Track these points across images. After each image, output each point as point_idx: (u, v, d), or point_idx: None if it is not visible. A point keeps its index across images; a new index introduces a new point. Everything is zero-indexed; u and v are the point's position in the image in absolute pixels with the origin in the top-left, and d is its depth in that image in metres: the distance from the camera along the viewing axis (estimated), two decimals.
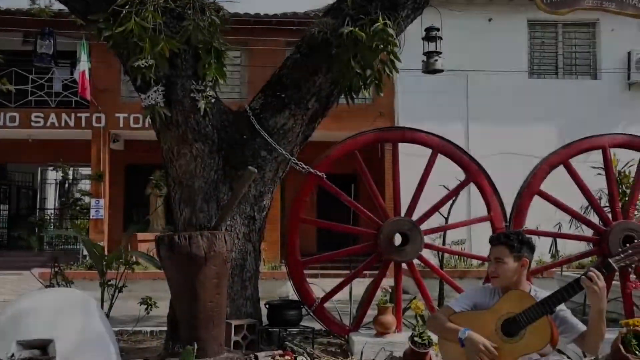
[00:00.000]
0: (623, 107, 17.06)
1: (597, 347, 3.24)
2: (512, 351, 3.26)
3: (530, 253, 3.46)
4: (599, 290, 3.08)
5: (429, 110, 18.15)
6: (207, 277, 4.53)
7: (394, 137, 5.47)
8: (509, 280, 3.41)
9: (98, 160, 15.44)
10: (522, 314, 3.26)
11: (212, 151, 5.08)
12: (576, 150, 5.57)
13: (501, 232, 3.58)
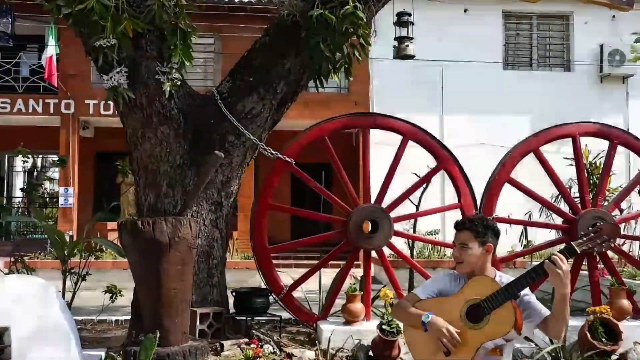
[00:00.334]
0: (595, 100, 17.23)
1: (560, 331, 3.21)
2: (477, 337, 3.22)
3: (495, 238, 3.42)
4: (562, 273, 3.04)
5: (404, 100, 18.16)
6: (170, 263, 4.42)
7: (364, 123, 5.39)
8: (474, 266, 3.38)
9: (67, 148, 15.12)
10: (486, 300, 3.23)
11: (177, 135, 4.95)
12: (546, 138, 5.56)
13: (466, 217, 3.53)
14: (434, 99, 18.42)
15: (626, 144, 5.59)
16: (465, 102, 17.07)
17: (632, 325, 5.23)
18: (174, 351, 4.33)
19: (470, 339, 3.24)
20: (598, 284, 5.42)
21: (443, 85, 18.64)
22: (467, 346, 3.26)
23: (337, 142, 5.48)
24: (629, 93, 18.45)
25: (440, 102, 18.56)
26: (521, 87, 16.58)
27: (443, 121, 18.19)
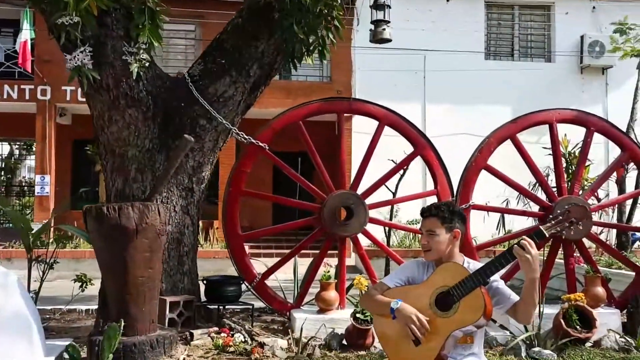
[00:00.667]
0: (575, 90, 17.32)
1: (530, 316, 3.16)
2: (446, 325, 3.15)
3: (462, 224, 3.37)
4: (531, 258, 2.99)
5: (387, 89, 18.13)
6: (137, 250, 4.29)
7: (339, 107, 5.27)
8: (442, 253, 3.32)
9: (43, 135, 14.85)
10: (455, 287, 3.16)
11: (146, 118, 4.79)
12: (524, 124, 5.49)
13: (432, 204, 3.45)
14: (416, 88, 18.41)
15: (603, 131, 5.55)
16: (447, 92, 17.09)
17: (607, 312, 5.21)
18: (140, 340, 4.21)
19: (440, 327, 3.17)
20: (573, 271, 5.39)
21: (425, 74, 18.61)
22: (436, 335, 3.19)
23: (318, 131, 5.39)
24: (608, 84, 18.57)
25: (422, 91, 18.54)
26: (502, 77, 16.62)
27: (425, 110, 18.18)
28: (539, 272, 3.07)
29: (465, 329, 3.18)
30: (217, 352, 4.43)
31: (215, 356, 4.36)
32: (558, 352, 4.55)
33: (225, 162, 16.00)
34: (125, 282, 4.28)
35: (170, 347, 4.37)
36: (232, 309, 5.96)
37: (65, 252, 11.68)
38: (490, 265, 3.15)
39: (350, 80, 18.69)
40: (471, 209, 5.38)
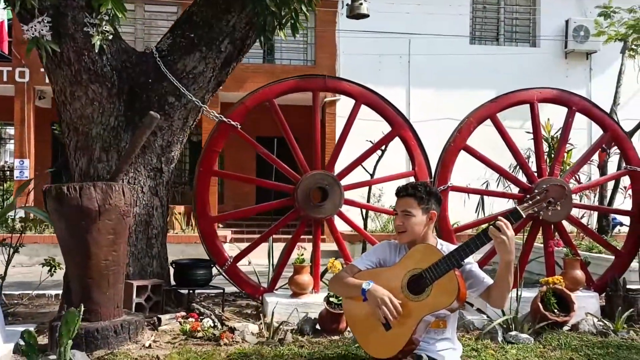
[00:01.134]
0: (560, 75, 17.28)
1: (504, 300, 3.06)
2: (418, 309, 3.03)
3: (438, 205, 3.28)
4: (507, 240, 2.87)
5: (371, 73, 17.99)
6: (101, 232, 4.11)
7: (314, 85, 5.08)
8: (417, 235, 3.21)
9: (22, 119, 14.55)
10: (428, 270, 3.04)
11: (111, 95, 4.58)
12: (504, 104, 5.35)
13: (409, 183, 3.32)
14: (401, 73, 18.30)
15: (585, 111, 5.42)
16: (431, 76, 17.01)
17: (585, 295, 5.12)
18: (104, 326, 4.04)
19: (412, 311, 3.06)
20: (552, 254, 5.28)
21: (410, 58, 18.48)
22: (408, 319, 3.08)
23: (302, 115, 5.21)
24: (592, 69, 18.57)
25: (407, 75, 18.43)
26: (487, 62, 16.55)
27: (409, 95, 18.08)
28: (514, 254, 2.95)
29: (438, 313, 3.06)
30: (184, 337, 4.27)
31: (182, 342, 4.20)
32: (535, 336, 4.44)
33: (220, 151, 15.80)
34: (87, 265, 4.10)
35: (136, 333, 4.21)
36: (207, 293, 5.82)
37: (45, 237, 11.48)
38: (464, 247, 3.03)
39: (334, 64, 18.53)
40: (449, 190, 5.25)
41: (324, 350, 4.00)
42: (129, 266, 4.77)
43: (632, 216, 5.51)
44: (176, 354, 3.85)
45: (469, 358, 3.90)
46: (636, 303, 4.95)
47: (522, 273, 5.28)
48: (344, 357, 3.82)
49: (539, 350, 4.11)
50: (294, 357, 3.84)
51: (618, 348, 4.14)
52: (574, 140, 9.60)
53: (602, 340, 4.32)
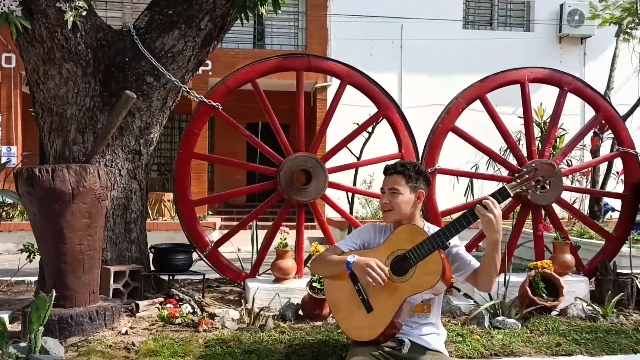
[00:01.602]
0: (554, 60, 17.15)
1: (491, 283, 2.95)
2: (401, 290, 2.93)
3: (426, 185, 3.17)
4: (495, 218, 2.77)
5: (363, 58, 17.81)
6: (75, 216, 3.97)
7: (298, 65, 4.93)
8: (403, 215, 3.11)
9: (9, 105, 14.33)
10: (412, 250, 2.94)
11: (86, 74, 4.42)
12: (494, 84, 5.21)
13: (397, 161, 3.21)
14: (393, 58, 18.15)
15: (577, 91, 5.29)
16: (424, 61, 16.87)
17: (575, 280, 5.03)
18: (78, 312, 3.92)
19: (395, 292, 2.95)
20: (542, 238, 5.18)
21: (402, 43, 18.31)
22: (390, 300, 2.98)
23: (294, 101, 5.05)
24: (586, 54, 18.44)
25: (399, 60, 18.28)
26: (481, 47, 16.40)
27: (402, 80, 17.94)
28: (501, 234, 2.84)
29: (421, 295, 2.96)
30: (162, 324, 4.15)
31: (160, 328, 4.08)
32: (523, 321, 4.34)
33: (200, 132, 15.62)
34: (61, 250, 3.97)
35: (112, 319, 4.09)
36: (191, 279, 5.71)
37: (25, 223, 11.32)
38: (450, 227, 2.93)
39: (325, 49, 18.35)
40: (437, 172, 5.12)
41: (305, 336, 3.88)
42: (106, 251, 4.64)
43: (624, 199, 5.40)
44: (152, 341, 3.73)
45: (454, 343, 3.80)
46: (626, 287, 4.86)
47: (511, 257, 5.19)
48: (325, 342, 3.70)
49: (525, 335, 4.01)
50: (273, 344, 3.72)
51: (607, 332, 4.04)
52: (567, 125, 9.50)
53: (591, 325, 4.22)
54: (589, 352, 3.73)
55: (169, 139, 19.67)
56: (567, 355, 3.68)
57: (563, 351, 3.72)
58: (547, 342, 3.85)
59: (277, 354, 3.54)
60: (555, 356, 3.68)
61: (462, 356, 3.63)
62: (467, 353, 3.64)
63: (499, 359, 3.63)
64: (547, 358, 3.65)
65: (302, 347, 3.64)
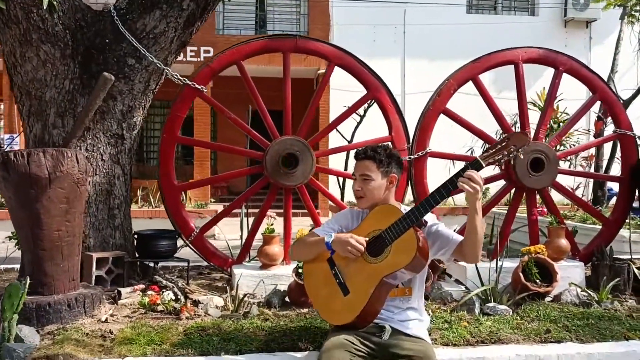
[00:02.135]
0: (559, 44, 16.90)
1: (477, 252, 2.86)
2: (377, 271, 2.85)
3: (399, 169, 3.11)
4: (479, 188, 2.70)
5: (365, 44, 17.66)
6: (52, 201, 3.88)
7: (285, 46, 4.79)
8: (376, 200, 3.05)
9: (11, 94, 14.26)
10: (387, 230, 2.86)
11: (65, 56, 4.31)
12: (486, 64, 5.07)
13: (367, 146, 3.12)
14: (396, 43, 17.97)
15: (572, 72, 5.13)
16: (427, 47, 16.68)
17: (570, 265, 4.90)
18: (57, 300, 3.83)
19: (371, 273, 2.87)
20: (536, 222, 5.05)
21: (405, 29, 18.11)
22: (367, 282, 2.91)
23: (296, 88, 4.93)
24: (592, 38, 18.18)
25: (402, 46, 18.10)
26: (485, 32, 16.18)
27: (404, 66, 17.76)
28: (481, 202, 2.78)
29: (400, 275, 2.87)
30: (144, 311, 4.07)
31: (141, 316, 4.00)
32: (515, 307, 4.23)
33: (199, 119, 15.52)
34: (39, 236, 3.88)
35: (93, 307, 4.01)
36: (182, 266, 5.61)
37: None
38: (423, 204, 2.85)
39: (328, 35, 18.18)
40: (428, 156, 4.99)
41: (288, 323, 3.79)
42: (89, 237, 4.55)
43: (621, 182, 5.25)
44: (129, 329, 3.64)
45: (440, 330, 3.69)
46: (622, 272, 4.73)
47: (504, 243, 5.07)
48: (306, 330, 3.61)
49: (515, 322, 3.90)
50: (254, 331, 3.63)
51: (599, 319, 3.92)
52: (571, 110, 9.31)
53: (584, 311, 4.10)
54: (579, 338, 3.61)
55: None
56: (557, 342, 3.56)
57: (552, 338, 3.60)
58: (536, 329, 3.73)
59: (256, 342, 3.45)
60: (544, 343, 3.56)
61: (447, 343, 3.51)
62: (452, 340, 3.53)
63: (486, 346, 3.51)
64: (536, 345, 3.53)
65: (282, 334, 3.55)
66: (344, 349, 2.85)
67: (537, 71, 4.68)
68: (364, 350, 2.93)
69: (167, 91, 5.56)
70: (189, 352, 3.33)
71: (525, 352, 3.41)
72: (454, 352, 3.42)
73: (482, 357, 3.36)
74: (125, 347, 3.36)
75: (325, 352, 2.83)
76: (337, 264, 3.03)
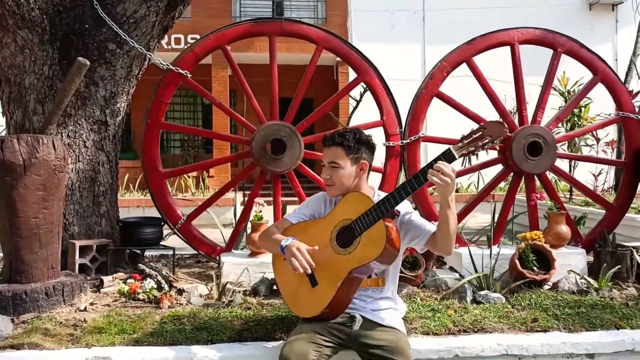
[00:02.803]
0: (584, 28, 16.51)
1: (449, 243, 2.74)
2: (345, 263, 2.73)
3: (370, 154, 2.97)
4: (450, 181, 2.57)
5: (385, 31, 17.44)
6: (28, 188, 3.83)
7: (270, 29, 4.66)
8: (346, 188, 2.92)
9: None
10: (357, 220, 2.74)
11: (43, 42, 4.25)
12: (481, 46, 4.87)
13: (336, 131, 2.98)
14: (415, 29, 17.71)
15: (572, 53, 4.90)
16: (447, 32, 16.38)
17: (570, 252, 4.69)
18: (33, 288, 3.79)
19: (340, 265, 2.74)
20: (535, 208, 4.84)
21: (424, 14, 17.83)
22: (335, 274, 2.79)
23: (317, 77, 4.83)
24: (618, 21, 17.68)
25: (422, 32, 17.83)
26: (507, 16, 15.81)
27: (425, 52, 17.49)
28: (454, 192, 2.63)
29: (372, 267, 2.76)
30: (125, 300, 4.01)
31: (121, 304, 3.93)
32: (510, 295, 4.06)
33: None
34: (15, 224, 3.84)
35: (72, 295, 3.96)
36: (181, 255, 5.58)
37: None
38: (394, 194, 2.72)
39: (345, 21, 18.01)
40: (421, 141, 4.82)
41: (270, 312, 3.68)
42: (73, 225, 4.51)
43: (625, 166, 5.01)
44: (103, 317, 3.58)
45: (422, 319, 3.54)
46: (625, 260, 4.51)
47: (502, 229, 4.89)
48: (282, 319, 3.50)
49: (505, 310, 3.72)
50: (231, 320, 3.53)
51: (592, 307, 3.73)
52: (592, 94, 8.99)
53: (578, 299, 3.90)
54: (568, 327, 3.43)
55: (192, 115, 19.67)
56: (543, 332, 3.39)
57: (539, 327, 3.43)
58: (524, 317, 3.56)
59: (229, 331, 3.35)
60: (529, 332, 3.39)
61: (428, 332, 3.37)
62: (433, 329, 3.38)
63: (468, 335, 3.35)
64: (520, 334, 3.37)
65: (257, 323, 3.45)
66: (308, 341, 2.74)
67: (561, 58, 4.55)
68: (333, 341, 2.83)
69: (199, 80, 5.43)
70: (158, 341, 3.25)
71: (507, 341, 3.24)
72: (434, 341, 3.28)
73: (462, 347, 3.21)
74: (94, 337, 3.29)
75: (287, 344, 2.74)
76: None
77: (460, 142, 2.63)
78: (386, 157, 4.82)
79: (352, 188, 2.91)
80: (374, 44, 16.86)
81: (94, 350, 3.12)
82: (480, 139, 2.60)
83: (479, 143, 2.60)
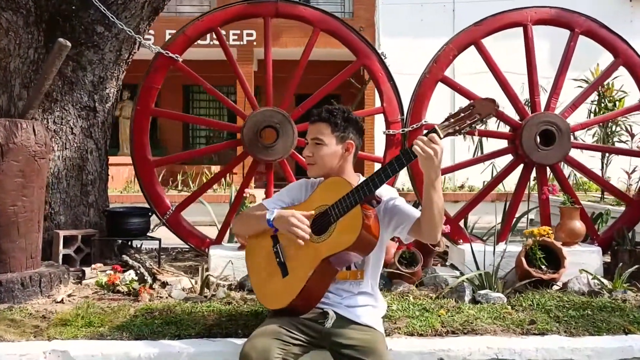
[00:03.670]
0: (624, 21, 15.88)
1: (435, 229, 2.49)
2: (318, 251, 2.52)
3: (358, 136, 2.75)
4: (438, 153, 2.33)
5: (412, 24, 17.10)
6: (6, 174, 3.70)
7: (264, 11, 4.43)
8: (328, 169, 2.70)
9: None
10: (334, 206, 2.52)
11: (28, 24, 4.12)
12: (491, 27, 4.56)
13: (324, 107, 2.75)
14: (444, 23, 17.28)
15: (590, 34, 4.54)
16: None
17: (584, 250, 4.34)
18: (9, 278, 3.66)
19: (312, 254, 2.53)
20: (547, 202, 4.50)
21: (454, 7, 17.43)
22: (306, 263, 2.57)
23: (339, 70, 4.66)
24: None
25: (452, 26, 17.37)
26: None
27: None
28: (440, 172, 2.40)
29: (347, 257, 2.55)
30: (105, 292, 3.85)
31: (99, 296, 3.78)
32: (514, 295, 3.75)
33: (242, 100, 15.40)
34: None
35: (51, 286, 3.81)
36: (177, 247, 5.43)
37: None
38: (373, 177, 2.50)
39: (373, 15, 17.73)
40: (424, 128, 4.54)
41: (248, 307, 3.47)
42: (59, 214, 4.38)
43: None
44: (73, 310, 3.42)
45: (408, 318, 3.27)
46: None
47: (510, 224, 4.57)
48: (256, 315, 3.28)
49: (503, 310, 3.43)
50: (204, 315, 3.33)
51: (600, 309, 3.39)
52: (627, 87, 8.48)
53: (587, 301, 3.56)
54: (569, 331, 3.12)
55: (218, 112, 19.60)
56: (540, 335, 3.09)
57: (536, 329, 3.13)
58: (521, 319, 3.26)
59: (200, 326, 3.16)
60: (524, 335, 3.09)
61: (412, 333, 3.10)
62: (418, 330, 3.12)
63: (456, 337, 3.08)
64: (515, 337, 3.08)
65: (230, 319, 3.24)
66: (272, 337, 2.52)
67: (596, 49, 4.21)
68: (301, 338, 2.60)
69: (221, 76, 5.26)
70: (124, 335, 3.07)
71: (498, 344, 2.96)
72: (417, 342, 3.02)
73: (447, 349, 2.94)
74: (58, 329, 3.14)
75: (248, 341, 2.52)
76: (280, 241, 2.70)
77: (446, 120, 2.37)
78: (386, 145, 4.55)
79: (335, 170, 2.70)
80: (402, 38, 16.49)
81: (54, 344, 2.96)
82: (469, 117, 2.34)
83: (466, 121, 2.34)
